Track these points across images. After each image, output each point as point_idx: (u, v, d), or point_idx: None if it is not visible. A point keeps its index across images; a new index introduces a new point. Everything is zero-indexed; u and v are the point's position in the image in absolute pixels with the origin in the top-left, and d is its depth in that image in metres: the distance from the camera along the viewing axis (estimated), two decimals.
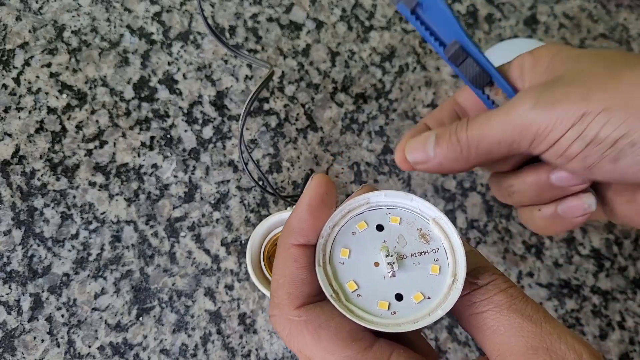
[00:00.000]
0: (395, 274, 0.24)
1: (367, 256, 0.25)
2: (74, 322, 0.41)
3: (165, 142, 0.46)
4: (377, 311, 0.24)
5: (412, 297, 0.24)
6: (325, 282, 0.24)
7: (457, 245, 0.25)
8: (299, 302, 0.24)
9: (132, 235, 0.43)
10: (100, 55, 0.47)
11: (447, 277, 0.24)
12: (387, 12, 0.52)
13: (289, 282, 0.24)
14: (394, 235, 0.25)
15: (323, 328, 0.23)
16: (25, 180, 0.44)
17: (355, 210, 0.26)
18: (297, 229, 0.24)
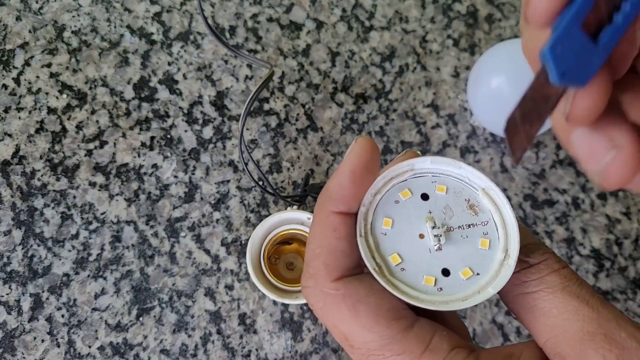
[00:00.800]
0: (442, 247, 0.23)
1: (412, 227, 0.23)
2: (74, 322, 0.41)
3: (165, 142, 0.46)
4: (422, 287, 0.22)
5: (459, 273, 0.22)
6: (367, 254, 0.22)
7: (509, 218, 0.23)
8: (336, 274, 0.22)
9: (132, 236, 0.43)
10: (100, 56, 0.47)
11: (497, 252, 0.23)
12: (387, 12, 0.52)
13: (326, 252, 0.22)
14: (440, 205, 0.24)
15: (362, 303, 0.21)
16: (25, 180, 0.44)
17: (398, 177, 0.24)
18: (337, 196, 0.22)
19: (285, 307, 0.43)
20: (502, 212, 0.23)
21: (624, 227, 0.48)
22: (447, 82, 0.50)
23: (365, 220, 0.23)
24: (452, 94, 0.50)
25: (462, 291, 0.22)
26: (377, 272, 0.22)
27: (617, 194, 0.49)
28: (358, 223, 0.23)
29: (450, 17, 0.52)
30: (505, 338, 0.45)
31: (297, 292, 0.40)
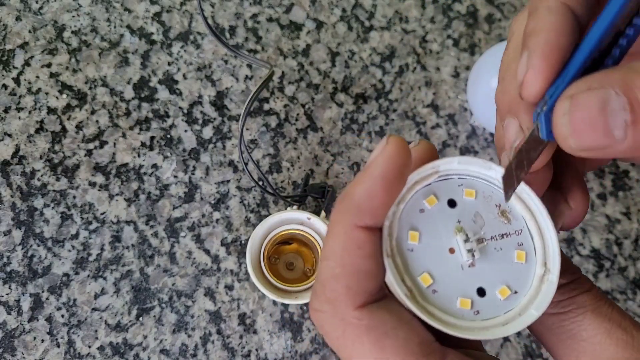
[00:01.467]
0: (475, 262, 0.20)
1: (440, 240, 0.20)
2: (74, 322, 0.41)
3: (165, 142, 0.46)
4: (458, 311, 0.19)
5: (497, 292, 0.20)
6: (397, 277, 0.19)
7: (545, 226, 0.20)
8: (360, 301, 0.19)
9: (132, 236, 0.43)
10: (100, 56, 0.47)
11: (535, 266, 0.20)
12: (387, 12, 0.52)
13: (349, 273, 0.19)
14: (469, 212, 0.21)
15: (389, 337, 0.18)
16: (25, 180, 0.44)
17: (422, 181, 0.21)
18: (366, 207, 0.19)
19: (285, 307, 0.43)
20: (538, 218, 0.20)
21: (624, 227, 0.48)
22: (447, 82, 0.50)
23: (390, 235, 0.20)
24: (452, 94, 0.50)
25: (501, 314, 0.20)
26: (409, 297, 0.19)
27: (617, 195, 0.49)
28: (383, 240, 0.20)
29: (450, 17, 0.52)
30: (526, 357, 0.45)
31: (297, 292, 0.40)
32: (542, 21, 0.20)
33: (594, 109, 0.17)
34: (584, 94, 0.18)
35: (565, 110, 0.18)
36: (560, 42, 0.20)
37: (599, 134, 0.17)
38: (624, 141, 0.17)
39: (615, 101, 0.17)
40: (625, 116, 0.17)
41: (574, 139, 0.18)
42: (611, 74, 0.17)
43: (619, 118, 0.17)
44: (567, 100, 0.18)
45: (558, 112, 0.18)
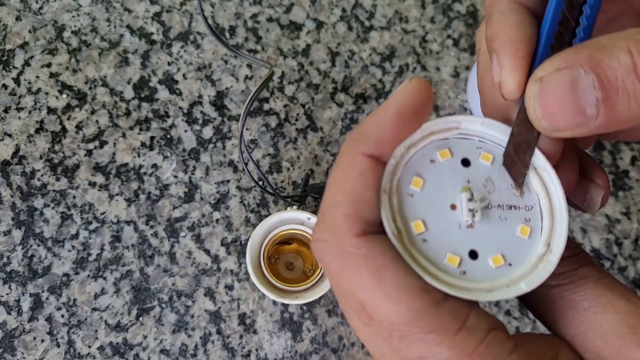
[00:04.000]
0: (475, 224, 0.19)
1: (444, 194, 0.20)
2: (74, 322, 0.41)
3: (165, 142, 0.46)
4: (444, 265, 0.19)
5: (489, 259, 0.19)
6: (388, 215, 0.19)
7: (559, 208, 0.20)
8: (359, 229, 0.18)
9: (132, 236, 0.43)
10: (100, 56, 0.47)
11: (538, 245, 0.19)
12: (387, 12, 0.52)
13: (349, 200, 0.18)
14: (481, 176, 0.20)
15: (388, 268, 0.18)
16: (25, 180, 0.44)
17: (440, 133, 0.20)
18: (373, 136, 0.19)
19: (285, 307, 0.43)
20: (552, 199, 0.20)
21: (624, 227, 0.48)
22: (447, 82, 0.50)
23: (392, 174, 0.20)
24: (452, 94, 0.50)
25: (488, 280, 0.19)
26: (396, 237, 0.19)
27: (617, 195, 0.49)
28: (385, 176, 0.19)
29: (450, 17, 0.52)
30: None
31: (297, 292, 0.40)
32: (498, 23, 0.21)
33: (563, 90, 0.17)
34: (552, 75, 0.18)
35: (535, 93, 0.18)
36: (522, 35, 0.20)
37: (570, 114, 0.17)
38: (597, 118, 0.17)
39: (584, 80, 0.17)
40: (596, 93, 0.17)
41: (547, 120, 0.18)
42: (578, 52, 0.17)
43: (590, 96, 0.17)
44: (536, 83, 0.18)
45: (528, 95, 0.18)
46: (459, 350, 0.17)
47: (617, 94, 0.17)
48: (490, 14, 0.21)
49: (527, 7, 0.21)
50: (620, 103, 0.17)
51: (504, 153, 0.21)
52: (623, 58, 0.17)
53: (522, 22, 0.20)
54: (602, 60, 0.17)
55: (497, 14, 0.21)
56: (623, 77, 0.17)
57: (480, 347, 0.18)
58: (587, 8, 0.20)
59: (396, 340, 0.18)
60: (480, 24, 0.27)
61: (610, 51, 0.17)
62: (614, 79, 0.17)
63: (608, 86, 0.17)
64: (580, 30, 0.20)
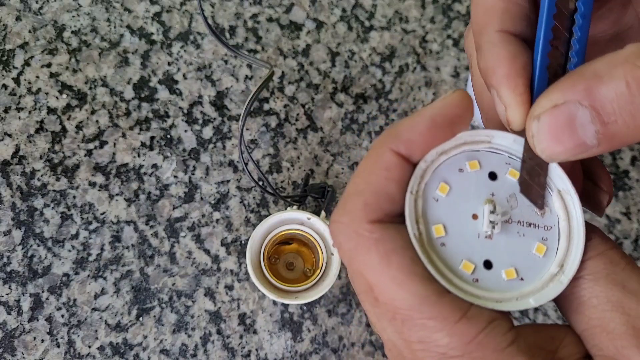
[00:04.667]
0: (494, 236, 0.20)
1: (468, 203, 0.21)
2: (74, 322, 0.41)
3: (165, 143, 0.46)
4: (458, 270, 0.20)
5: (503, 271, 0.20)
6: (412, 216, 0.20)
7: (577, 232, 0.20)
8: (375, 216, 0.19)
9: (132, 236, 0.43)
10: (100, 56, 0.47)
11: (551, 264, 0.20)
12: (387, 12, 0.52)
13: (370, 190, 0.19)
14: (506, 191, 0.21)
15: (397, 254, 0.19)
16: (25, 180, 0.44)
17: (472, 144, 0.21)
18: (404, 136, 0.20)
19: (285, 307, 0.43)
20: (572, 222, 0.20)
21: (624, 227, 0.48)
22: (447, 82, 0.50)
23: (421, 178, 0.20)
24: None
25: (498, 291, 0.20)
26: (417, 238, 0.20)
27: (617, 195, 0.49)
28: (413, 178, 0.20)
29: (450, 17, 0.52)
30: None
31: (297, 292, 0.40)
32: (490, 57, 0.21)
33: (561, 128, 0.18)
34: (549, 114, 0.18)
35: (533, 131, 0.19)
36: (518, 68, 0.20)
37: (571, 146, 0.18)
38: (598, 146, 0.18)
39: (582, 115, 0.17)
40: (595, 127, 0.17)
41: (547, 154, 0.19)
42: (574, 85, 0.17)
43: (589, 129, 0.17)
44: (534, 121, 0.19)
45: (527, 132, 0.19)
46: (458, 338, 0.18)
47: (616, 125, 0.17)
48: (480, 46, 0.22)
49: (516, 34, 0.21)
50: (620, 132, 0.17)
51: (519, 180, 0.21)
52: (620, 88, 0.16)
53: (513, 53, 0.21)
54: (599, 92, 0.17)
55: (488, 45, 0.21)
56: (621, 109, 0.17)
57: (479, 336, 0.18)
58: (579, 17, 0.20)
59: (399, 323, 0.19)
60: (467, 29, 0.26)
61: (607, 82, 0.17)
62: (612, 111, 0.17)
63: (607, 119, 0.17)
64: (575, 42, 0.20)
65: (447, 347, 0.18)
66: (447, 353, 0.18)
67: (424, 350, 0.19)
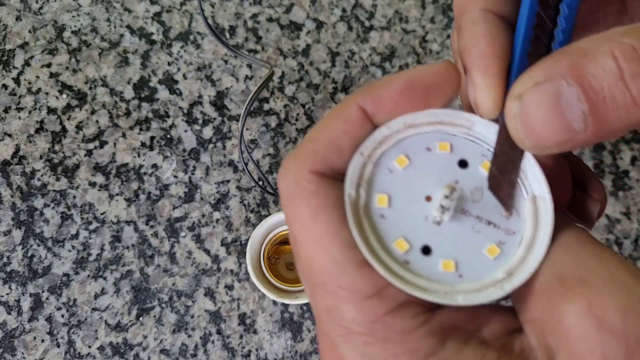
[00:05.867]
0: (443, 224, 0.18)
1: (425, 183, 0.19)
2: (74, 322, 0.41)
3: (165, 142, 0.46)
4: (389, 245, 0.18)
5: (440, 261, 0.18)
6: (354, 176, 0.18)
7: (540, 244, 0.18)
8: (319, 167, 0.18)
9: (132, 236, 0.43)
10: (100, 56, 0.47)
11: (498, 269, 0.18)
12: (387, 12, 0.52)
13: (323, 140, 0.18)
14: (473, 182, 0.19)
15: (325, 212, 0.18)
16: (25, 180, 0.44)
17: (449, 126, 0.19)
18: (374, 93, 0.18)
19: (285, 307, 0.43)
20: (538, 232, 0.18)
21: (624, 227, 0.48)
22: None
23: (380, 143, 0.19)
24: None
25: (428, 279, 0.18)
26: (351, 200, 0.18)
27: (617, 194, 0.49)
28: (369, 140, 0.19)
29: (450, 17, 0.52)
30: None
31: (297, 292, 0.40)
32: (469, 35, 0.19)
33: (546, 106, 0.16)
34: (532, 91, 0.16)
35: (516, 112, 0.17)
36: (495, 48, 0.19)
37: (556, 131, 0.16)
38: (586, 131, 0.16)
39: (567, 92, 0.16)
40: (582, 106, 0.15)
41: (531, 140, 0.17)
42: (558, 61, 0.16)
43: (576, 109, 0.16)
44: (516, 100, 0.17)
45: (508, 114, 0.17)
46: (364, 314, 0.17)
47: (604, 104, 0.15)
48: (460, 25, 0.20)
49: (500, 14, 0.20)
50: (610, 114, 0.15)
51: (488, 175, 0.19)
52: (608, 64, 0.15)
53: (494, 33, 0.19)
54: (585, 69, 0.15)
55: (468, 24, 0.20)
56: (610, 85, 0.15)
57: (387, 317, 0.17)
58: (565, 7, 0.18)
59: (312, 286, 0.18)
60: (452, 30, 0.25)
61: (593, 58, 0.15)
62: (600, 89, 0.15)
63: (594, 97, 0.15)
64: (559, 32, 0.19)
65: (352, 321, 0.17)
66: (352, 328, 0.17)
67: (329, 322, 0.18)
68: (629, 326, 0.15)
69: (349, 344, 0.17)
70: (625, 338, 0.15)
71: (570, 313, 0.15)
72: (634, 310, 0.15)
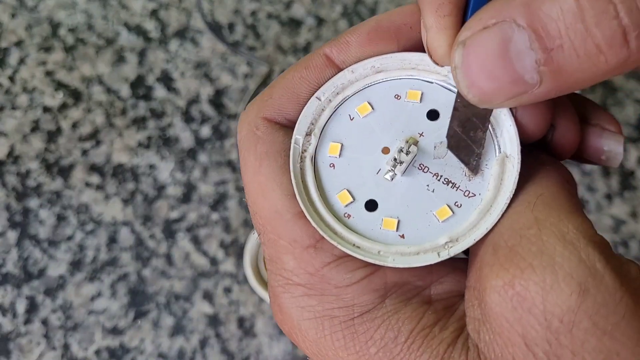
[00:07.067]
0: (396, 179, 0.17)
1: (385, 133, 0.17)
2: (70, 325, 0.41)
3: (162, 142, 0.45)
4: (329, 197, 0.17)
5: (382, 218, 0.17)
6: (305, 123, 0.18)
7: (495, 211, 0.16)
8: (271, 114, 0.18)
9: (129, 237, 0.43)
10: (96, 53, 0.46)
11: (443, 235, 0.16)
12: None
13: (281, 86, 0.18)
14: (440, 137, 0.17)
15: (269, 158, 0.17)
16: (20, 180, 0.43)
17: (424, 72, 0.18)
18: (342, 40, 0.18)
19: None
20: (498, 198, 0.16)
21: (630, 228, 0.47)
22: None
23: (341, 88, 0.18)
24: None
25: (363, 236, 0.17)
26: (298, 147, 0.17)
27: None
28: (329, 84, 0.18)
29: None
30: None
31: None
32: None
33: (491, 55, 0.14)
34: (477, 37, 0.14)
35: (457, 62, 0.14)
36: None
37: (504, 84, 0.14)
38: (541, 85, 0.13)
39: (517, 38, 0.13)
40: (535, 55, 0.13)
41: (475, 94, 0.14)
42: (510, 1, 0.13)
43: (527, 59, 0.13)
44: (459, 47, 0.14)
45: (451, 63, 0.15)
46: (303, 265, 0.17)
47: (561, 51, 0.13)
48: None
49: None
50: (568, 63, 0.13)
51: (448, 133, 0.17)
52: (567, 3, 0.12)
53: None
54: (540, 10, 0.13)
55: None
56: (568, 29, 0.13)
57: (324, 269, 0.17)
58: None
59: (258, 233, 0.18)
60: None
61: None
62: (556, 33, 0.13)
63: (550, 44, 0.13)
64: None
65: (291, 272, 0.17)
66: (292, 279, 0.17)
67: (272, 272, 0.17)
68: (551, 305, 0.14)
69: (288, 294, 0.17)
70: (545, 318, 0.14)
71: (493, 289, 0.14)
72: (557, 288, 0.14)
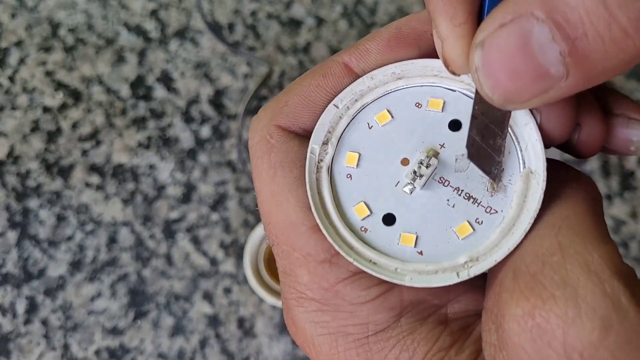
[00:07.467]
0: (415, 192, 0.16)
1: (405, 144, 0.17)
2: (70, 326, 0.41)
3: (162, 142, 0.45)
4: (346, 209, 0.17)
5: (399, 234, 0.16)
6: (322, 131, 0.17)
7: (518, 232, 0.15)
8: (286, 122, 0.17)
9: (129, 237, 0.43)
10: (96, 53, 0.46)
11: (462, 254, 0.16)
12: (389, 9, 0.51)
13: (296, 93, 0.17)
14: (460, 148, 0.16)
15: (283, 168, 0.17)
16: (20, 180, 0.43)
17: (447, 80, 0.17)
18: (361, 48, 0.17)
19: None
20: (521, 217, 0.15)
21: (630, 228, 0.47)
22: None
23: (360, 96, 0.17)
24: None
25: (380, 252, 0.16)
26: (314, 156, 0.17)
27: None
28: (347, 91, 0.17)
29: None
30: None
31: None
32: None
33: (512, 51, 0.13)
34: (495, 35, 0.13)
35: (478, 63, 0.14)
36: None
37: (529, 81, 0.13)
38: (568, 77, 0.13)
39: (538, 31, 0.12)
40: (559, 46, 0.12)
41: (499, 95, 0.14)
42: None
43: (551, 51, 0.13)
44: (477, 49, 0.14)
45: (470, 67, 0.14)
46: (318, 280, 0.16)
47: (586, 40, 0.12)
48: None
49: None
50: (594, 51, 0.12)
51: (467, 143, 0.16)
52: None
53: None
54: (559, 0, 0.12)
55: None
56: (591, 16, 0.12)
57: (339, 285, 0.16)
58: None
59: (272, 244, 0.17)
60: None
61: None
62: (578, 21, 0.12)
63: (572, 33, 0.12)
64: None
65: (305, 286, 0.16)
66: (305, 294, 0.17)
67: (285, 284, 0.17)
68: (572, 339, 0.13)
69: (301, 308, 0.17)
70: (565, 351, 0.13)
71: (512, 317, 0.14)
72: (580, 322, 0.13)
